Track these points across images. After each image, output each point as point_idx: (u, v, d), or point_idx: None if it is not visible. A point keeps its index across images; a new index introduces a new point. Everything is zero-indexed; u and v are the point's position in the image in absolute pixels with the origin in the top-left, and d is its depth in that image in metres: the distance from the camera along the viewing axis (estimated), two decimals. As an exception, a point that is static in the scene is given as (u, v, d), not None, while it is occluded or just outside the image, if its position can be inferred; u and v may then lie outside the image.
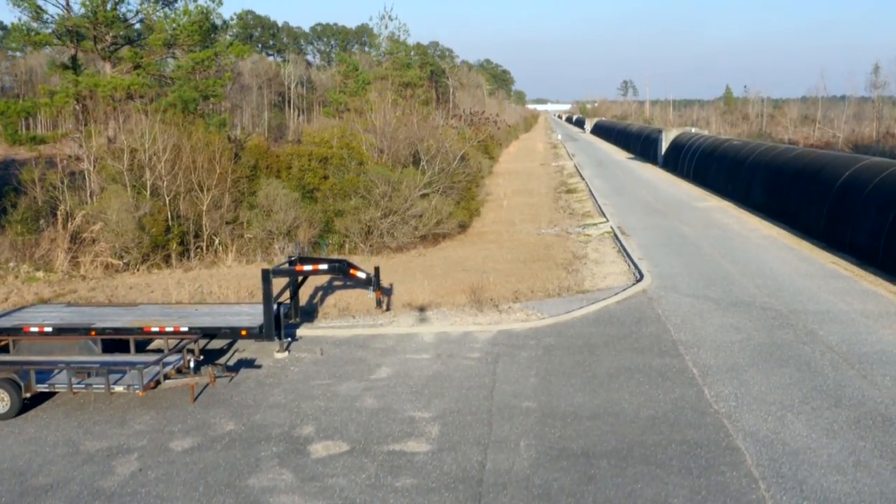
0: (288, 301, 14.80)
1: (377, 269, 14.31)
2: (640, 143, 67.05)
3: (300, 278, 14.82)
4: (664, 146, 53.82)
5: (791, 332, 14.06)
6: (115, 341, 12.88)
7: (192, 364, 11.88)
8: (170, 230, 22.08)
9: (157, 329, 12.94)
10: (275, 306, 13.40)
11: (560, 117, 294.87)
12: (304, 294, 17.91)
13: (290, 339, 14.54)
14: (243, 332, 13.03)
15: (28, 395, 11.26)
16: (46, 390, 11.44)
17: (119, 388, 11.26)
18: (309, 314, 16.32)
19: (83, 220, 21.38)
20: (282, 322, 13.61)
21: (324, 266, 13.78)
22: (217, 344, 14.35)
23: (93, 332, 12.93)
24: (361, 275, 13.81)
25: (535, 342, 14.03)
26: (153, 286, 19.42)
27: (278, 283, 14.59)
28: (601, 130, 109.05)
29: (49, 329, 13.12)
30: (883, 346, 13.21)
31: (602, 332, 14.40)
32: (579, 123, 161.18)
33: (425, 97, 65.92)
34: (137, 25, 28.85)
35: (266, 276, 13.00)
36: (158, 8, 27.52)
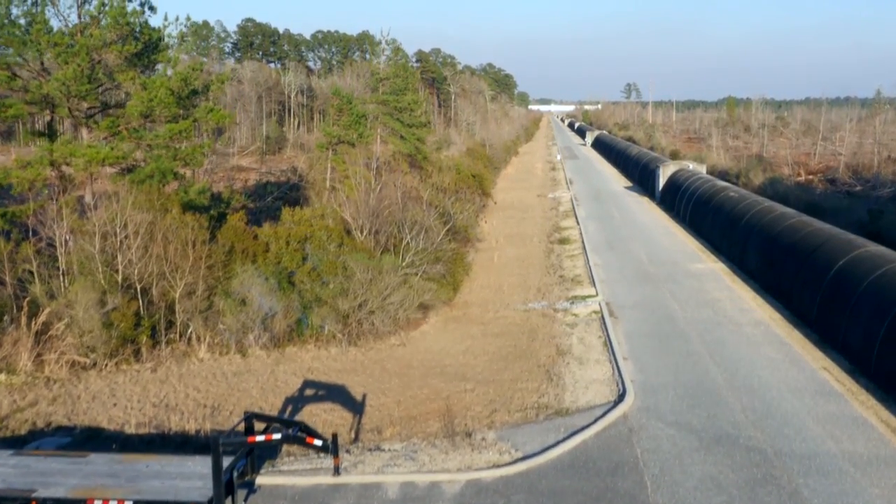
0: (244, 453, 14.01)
1: (335, 437, 13.55)
2: (638, 171, 66.19)
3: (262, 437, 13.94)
4: (661, 181, 53.01)
5: (774, 493, 13.27)
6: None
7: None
8: (140, 323, 21.36)
9: (99, 502, 12.23)
10: (228, 462, 12.64)
11: (563, 121, 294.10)
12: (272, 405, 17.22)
13: (247, 490, 13.81)
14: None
15: None
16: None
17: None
18: (272, 448, 15.56)
19: (48, 317, 20.67)
20: (234, 486, 12.87)
21: (278, 436, 13.02)
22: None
23: (33, 503, 12.24)
24: (318, 442, 13.06)
25: (504, 502, 13.27)
26: (117, 394, 18.72)
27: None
28: (601, 147, 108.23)
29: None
30: (870, 518, 12.45)
31: (575, 489, 13.62)
32: (580, 133, 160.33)
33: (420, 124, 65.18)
34: (116, 92, 28.14)
35: (215, 447, 12.24)
36: (136, 75, 26.78)
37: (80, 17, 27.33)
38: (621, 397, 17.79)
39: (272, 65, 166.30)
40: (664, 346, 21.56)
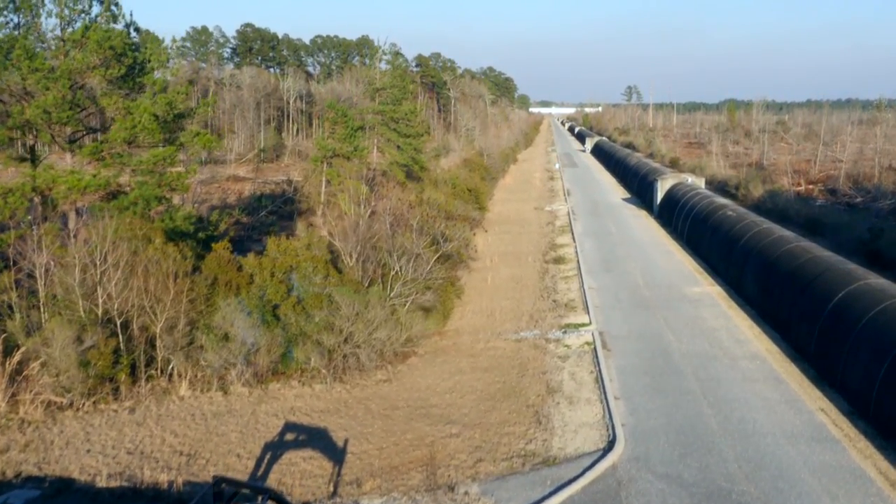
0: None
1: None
2: (637, 182, 65.61)
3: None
4: (659, 195, 52.44)
5: (767, 561, 12.69)
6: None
7: None
8: (119, 360, 20.81)
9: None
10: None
11: (563, 124, 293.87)
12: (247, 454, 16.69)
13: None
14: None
15: None
16: None
17: None
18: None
19: (24, 355, 20.13)
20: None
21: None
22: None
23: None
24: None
25: (483, 570, 12.70)
26: (92, 438, 18.16)
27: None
28: (601, 154, 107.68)
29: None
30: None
31: (559, 554, 13.04)
32: (580, 138, 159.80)
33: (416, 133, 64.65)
34: (102, 116, 27.63)
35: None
36: (119, 99, 26.28)
37: (63, 39, 26.87)
38: (611, 444, 17.20)
39: (271, 70, 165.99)
40: (657, 383, 20.97)
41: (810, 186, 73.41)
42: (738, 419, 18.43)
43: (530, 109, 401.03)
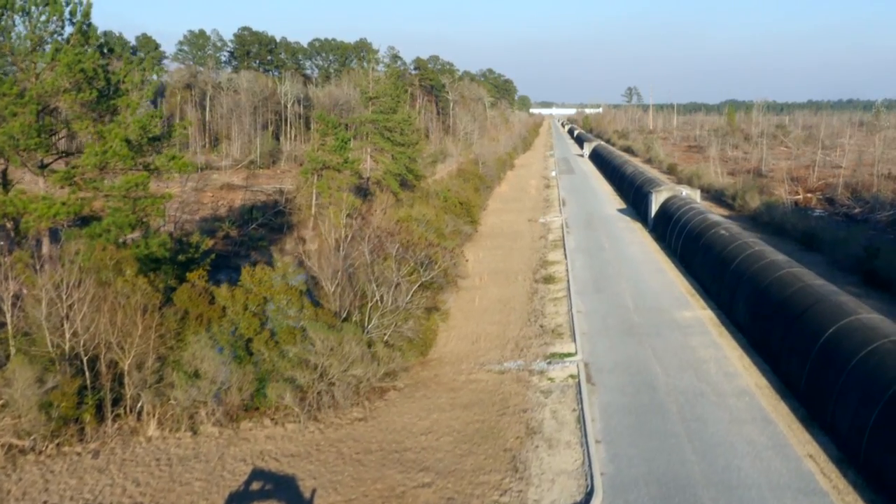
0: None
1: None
2: (632, 193, 64.89)
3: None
4: (654, 208, 51.71)
5: None
6: None
7: None
8: (83, 401, 20.11)
9: None
10: None
11: (563, 125, 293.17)
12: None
13: None
14: None
15: None
16: None
17: None
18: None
19: (-16, 398, 19.43)
20: None
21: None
22: None
23: None
24: None
25: None
26: (51, 488, 17.47)
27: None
28: (598, 160, 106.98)
29: None
30: None
31: None
32: (580, 141, 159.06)
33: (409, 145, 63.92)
34: (74, 138, 26.92)
35: None
36: (90, 124, 25.58)
37: (34, 61, 26.19)
38: (588, 497, 16.48)
39: (270, 73, 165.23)
40: (641, 424, 20.23)
41: (808, 195, 72.66)
42: (722, 467, 17.71)
43: (531, 110, 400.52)
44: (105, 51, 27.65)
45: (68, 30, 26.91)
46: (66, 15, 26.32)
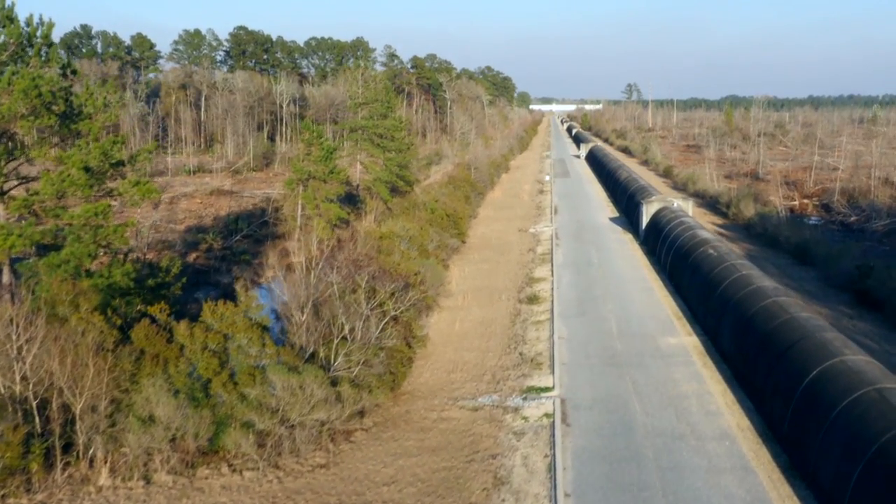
0: None
1: None
2: (625, 200, 63.91)
3: None
4: (645, 219, 50.75)
5: None
6: None
7: None
8: (30, 450, 19.21)
9: None
10: None
11: (563, 123, 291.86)
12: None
13: None
14: None
15: None
16: None
17: None
18: None
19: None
20: None
21: None
22: None
23: None
24: None
25: None
26: (-12, 550, 16.60)
27: None
28: (594, 162, 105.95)
29: None
30: None
31: None
32: (577, 140, 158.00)
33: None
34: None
35: None
36: (48, 150, 24.65)
37: (-9, 86, 25.17)
38: (552, 564, 15.58)
39: (266, 72, 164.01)
40: (614, 474, 19.29)
41: (805, 201, 71.68)
42: (696, 527, 16.80)
43: (531, 107, 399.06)
44: (68, 73, 26.68)
45: (30, 51, 26.03)
46: (25, 37, 25.39)
